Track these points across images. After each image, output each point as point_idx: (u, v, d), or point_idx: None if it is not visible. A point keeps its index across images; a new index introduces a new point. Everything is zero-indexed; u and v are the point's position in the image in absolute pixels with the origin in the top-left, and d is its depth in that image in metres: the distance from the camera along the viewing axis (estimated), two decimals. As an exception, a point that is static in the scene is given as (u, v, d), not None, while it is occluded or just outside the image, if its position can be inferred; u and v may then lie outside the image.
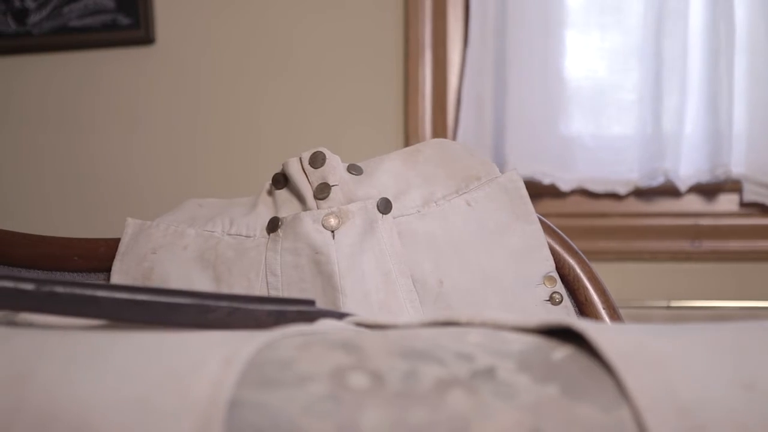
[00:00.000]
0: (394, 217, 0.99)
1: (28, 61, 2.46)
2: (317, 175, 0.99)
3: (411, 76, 2.20)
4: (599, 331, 0.49)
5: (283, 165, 1.03)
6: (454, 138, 2.16)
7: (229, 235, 1.00)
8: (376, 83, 2.25)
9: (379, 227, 0.98)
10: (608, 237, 2.15)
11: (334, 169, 1.00)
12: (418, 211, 1.01)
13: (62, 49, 2.46)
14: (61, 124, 2.44)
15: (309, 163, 1.00)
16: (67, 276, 0.97)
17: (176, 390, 0.46)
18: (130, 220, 1.03)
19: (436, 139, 1.09)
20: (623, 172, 2.14)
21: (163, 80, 2.37)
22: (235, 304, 0.68)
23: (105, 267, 1.03)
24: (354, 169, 1.02)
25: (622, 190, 2.16)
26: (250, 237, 0.99)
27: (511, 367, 0.48)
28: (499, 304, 0.96)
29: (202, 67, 2.35)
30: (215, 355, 0.48)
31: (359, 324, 0.67)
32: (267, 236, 0.98)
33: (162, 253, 0.98)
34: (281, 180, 1.03)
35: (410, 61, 2.20)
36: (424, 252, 0.98)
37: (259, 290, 0.95)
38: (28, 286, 0.63)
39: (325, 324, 0.64)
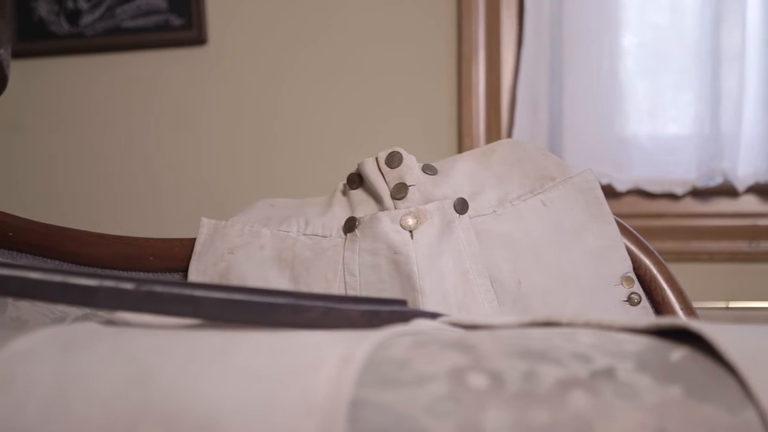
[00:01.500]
0: (470, 218, 0.99)
1: (81, 62, 2.48)
2: (394, 175, 0.99)
3: (464, 76, 2.20)
4: (717, 332, 0.48)
5: (358, 165, 1.03)
6: (511, 137, 2.15)
7: (305, 235, 1.00)
8: (430, 83, 2.24)
9: (456, 227, 0.97)
10: (665, 237, 2.13)
11: (411, 169, 1.00)
12: (494, 211, 1.00)
13: (115, 50, 2.47)
14: (114, 125, 2.46)
15: (385, 163, 1.00)
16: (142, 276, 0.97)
17: (298, 389, 0.46)
18: (204, 220, 1.03)
19: (508, 139, 1.09)
20: (680, 173, 2.13)
21: (215, 80, 2.38)
22: (330, 304, 0.68)
23: (180, 267, 1.03)
24: (429, 169, 1.02)
25: (679, 191, 2.14)
26: (326, 237, 0.99)
27: (630, 367, 0.47)
28: (577, 304, 0.95)
29: (254, 66, 2.35)
30: (332, 355, 0.48)
31: (454, 324, 0.67)
32: (343, 236, 0.98)
33: (239, 253, 0.99)
34: (356, 180, 1.03)
35: (463, 61, 2.20)
36: (502, 252, 0.98)
37: (337, 290, 0.95)
38: (129, 286, 0.63)
39: (421, 324, 0.63)
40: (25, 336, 0.50)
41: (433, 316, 0.71)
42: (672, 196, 2.17)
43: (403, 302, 0.71)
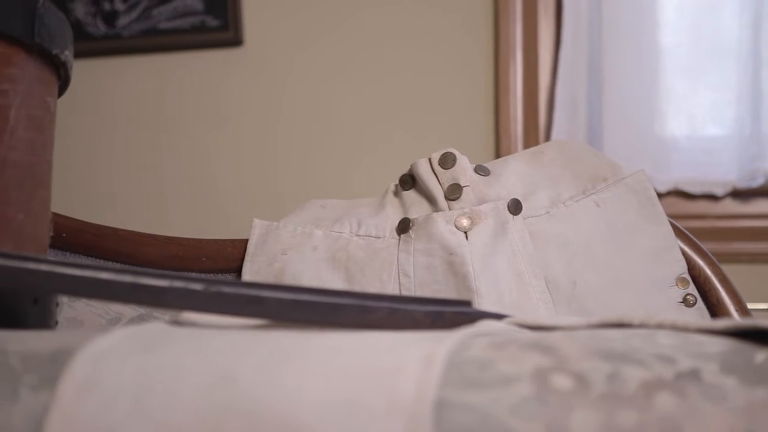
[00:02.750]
0: (523, 218, 0.98)
1: (118, 63, 2.49)
2: (448, 176, 0.99)
3: (501, 76, 2.19)
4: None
5: (411, 166, 1.03)
6: (548, 138, 2.14)
7: (358, 236, 1.00)
8: (466, 84, 2.24)
9: (510, 228, 0.97)
10: (705, 239, 2.11)
11: (465, 170, 0.99)
12: (547, 212, 1.00)
13: (151, 51, 2.48)
14: (150, 126, 2.47)
15: (439, 164, 1.00)
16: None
17: (382, 390, 0.46)
18: (256, 221, 1.04)
19: (559, 140, 1.08)
20: (720, 173, 2.11)
21: (251, 81, 2.39)
22: (395, 305, 0.68)
23: (232, 268, 1.04)
24: (481, 170, 1.02)
25: (719, 192, 2.13)
26: (379, 238, 0.99)
27: (714, 369, 0.47)
28: (632, 305, 0.95)
29: (291, 67, 2.36)
30: (413, 356, 0.48)
31: (520, 325, 0.66)
32: (397, 237, 0.98)
33: (292, 254, 0.99)
34: (409, 181, 1.03)
35: (501, 62, 2.19)
36: (556, 253, 0.97)
37: (392, 291, 0.94)
38: (198, 286, 0.63)
39: (490, 325, 0.63)
40: (104, 336, 0.50)
41: (498, 317, 0.71)
42: (712, 197, 2.15)
43: (467, 303, 0.70)
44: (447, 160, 1.00)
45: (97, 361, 0.47)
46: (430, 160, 1.01)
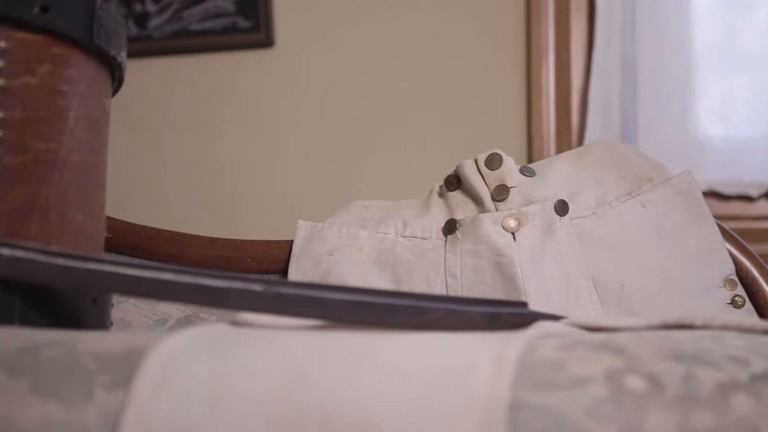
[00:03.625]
0: (570, 219, 0.98)
1: (149, 64, 2.50)
2: (494, 177, 0.99)
3: (534, 78, 2.19)
4: None
5: (457, 167, 1.03)
6: (582, 139, 2.14)
7: (404, 237, 1.00)
8: (498, 85, 2.24)
9: (558, 229, 0.97)
10: (740, 240, 2.10)
11: (511, 171, 0.99)
12: (593, 213, 0.99)
13: (182, 53, 2.49)
14: (182, 127, 2.48)
15: (485, 165, 0.99)
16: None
17: (454, 390, 0.46)
18: (301, 222, 1.04)
19: (603, 141, 1.08)
20: (755, 174, 2.10)
21: (282, 83, 2.39)
22: (452, 306, 0.68)
23: (277, 268, 1.04)
24: (527, 171, 1.01)
25: (754, 193, 2.11)
26: (425, 239, 0.99)
27: (788, 370, 0.46)
28: (681, 307, 0.94)
29: (322, 69, 2.36)
30: (484, 356, 0.48)
31: (579, 326, 0.66)
32: (443, 238, 0.98)
33: (338, 255, 0.99)
34: (454, 182, 1.03)
35: (533, 63, 2.19)
36: (603, 254, 0.97)
37: (439, 293, 0.94)
38: (257, 287, 0.63)
39: (549, 326, 0.63)
40: (174, 337, 0.50)
41: (555, 318, 0.71)
42: (746, 198, 2.14)
43: (523, 304, 0.70)
44: (493, 161, 0.99)
45: (170, 361, 0.47)
46: (476, 161, 1.01)
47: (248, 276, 0.64)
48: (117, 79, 0.74)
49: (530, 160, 2.16)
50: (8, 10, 0.59)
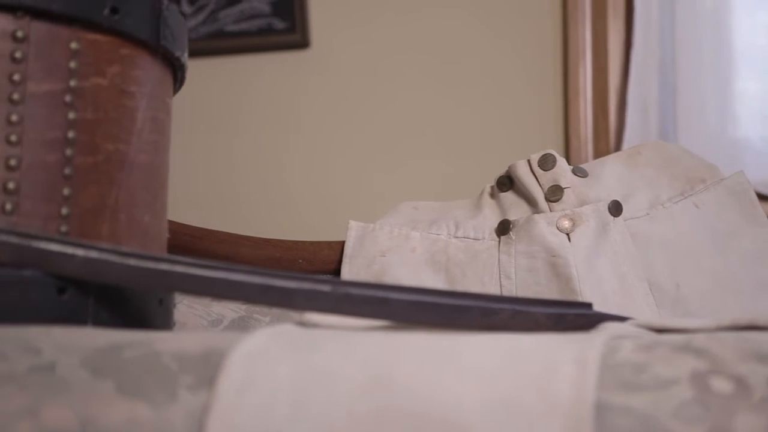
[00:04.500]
0: (624, 220, 0.98)
1: (185, 66, 2.51)
2: (548, 178, 0.98)
3: (571, 78, 2.18)
4: None
5: (509, 167, 1.02)
6: (620, 140, 2.13)
7: (456, 237, 0.99)
8: (535, 86, 2.23)
9: (612, 230, 0.96)
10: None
11: (564, 172, 0.99)
12: (647, 214, 0.99)
13: (218, 54, 2.49)
14: (217, 128, 2.48)
15: (539, 165, 0.99)
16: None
17: (539, 391, 0.45)
18: (353, 222, 1.04)
19: (654, 141, 1.08)
20: (796, 174, 2.09)
21: (318, 84, 2.39)
22: (517, 307, 0.68)
23: (328, 269, 1.04)
24: (579, 172, 1.01)
25: (794, 193, 2.10)
26: (478, 240, 0.98)
27: None
28: (737, 308, 0.94)
29: (358, 70, 2.36)
30: (565, 358, 0.48)
31: (647, 327, 0.66)
32: (496, 239, 0.98)
33: (391, 256, 0.99)
34: (506, 182, 1.03)
35: (570, 64, 2.18)
36: (658, 255, 0.96)
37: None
38: (325, 288, 0.63)
39: (617, 327, 0.63)
40: (249, 338, 0.50)
41: (621, 319, 0.70)
42: (787, 199, 2.12)
43: (588, 305, 0.70)
44: (547, 162, 0.99)
45: (252, 361, 0.47)
46: (529, 161, 1.01)
47: (316, 277, 0.64)
48: (179, 80, 0.75)
49: (568, 161, 2.15)
50: (79, 12, 0.59)
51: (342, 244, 1.04)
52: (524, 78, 2.24)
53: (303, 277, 0.63)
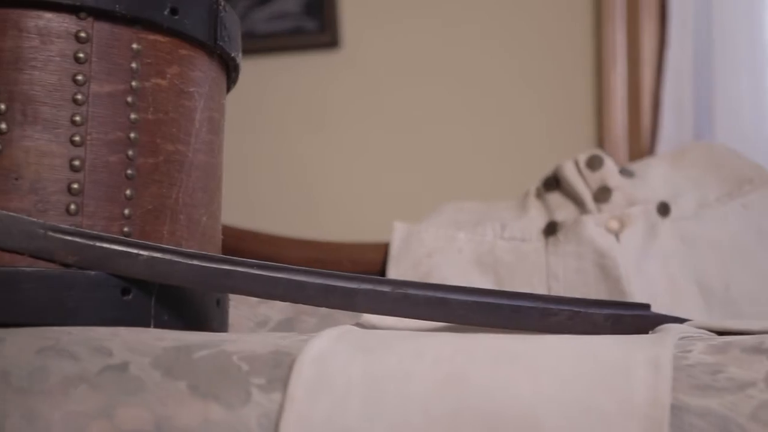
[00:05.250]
0: (672, 221, 0.97)
1: (215, 68, 2.51)
2: (596, 178, 0.98)
3: (605, 79, 2.17)
4: None
5: (556, 167, 1.02)
6: (654, 141, 2.12)
7: (503, 239, 0.99)
8: (568, 87, 2.22)
9: (660, 231, 0.96)
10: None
11: (613, 172, 0.98)
12: (695, 215, 0.98)
13: (248, 54, 2.49)
14: (248, 128, 2.48)
15: (587, 166, 0.98)
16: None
17: (614, 393, 0.45)
18: (397, 224, 1.03)
19: (700, 142, 1.07)
20: (834, 175, 2.06)
21: (349, 84, 2.39)
22: (576, 308, 0.67)
23: (372, 271, 1.03)
24: (626, 172, 1.00)
25: (833, 194, 2.08)
26: (525, 241, 0.98)
27: None
28: (789, 310, 0.93)
29: (389, 70, 2.35)
30: (639, 359, 0.47)
31: (707, 329, 0.65)
32: (543, 240, 0.97)
33: (438, 257, 0.98)
34: (552, 183, 1.02)
35: (604, 65, 2.17)
36: (707, 256, 0.96)
37: (542, 295, 0.93)
38: (385, 288, 0.63)
39: (679, 328, 0.62)
40: (317, 339, 0.50)
41: (679, 320, 0.70)
42: (826, 200, 2.10)
43: (646, 306, 0.69)
44: (595, 162, 0.98)
45: (323, 362, 0.47)
46: (576, 161, 1.00)
47: (375, 277, 0.64)
48: (232, 80, 0.75)
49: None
50: (141, 12, 0.60)
51: (385, 245, 1.03)
52: (557, 79, 2.23)
53: (363, 277, 0.63)
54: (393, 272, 1.00)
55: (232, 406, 0.45)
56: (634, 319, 0.69)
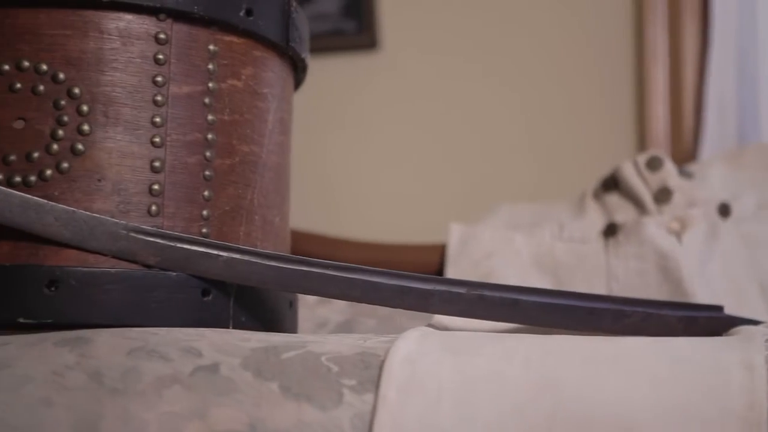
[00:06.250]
0: (732, 222, 0.96)
1: (254, 70, 2.51)
2: (656, 179, 0.97)
3: (646, 79, 2.16)
4: None
5: (615, 169, 1.01)
6: (697, 141, 2.10)
7: (561, 240, 0.98)
8: (609, 88, 2.21)
9: (722, 232, 0.95)
10: None
11: (673, 174, 0.97)
12: (755, 215, 0.97)
13: (286, 56, 2.49)
14: (287, 134, 2.49)
15: (647, 167, 0.98)
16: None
17: (711, 396, 0.45)
18: (454, 225, 1.03)
19: (758, 143, 1.07)
20: None
21: (388, 85, 2.38)
22: (649, 309, 0.67)
23: (429, 272, 1.03)
24: (685, 173, 1.00)
25: None
26: (584, 242, 0.97)
27: None
28: None
29: (428, 71, 2.35)
30: (732, 361, 0.47)
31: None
32: (603, 241, 0.97)
33: (496, 258, 0.98)
34: (610, 184, 1.01)
35: (645, 64, 2.16)
36: (768, 256, 0.95)
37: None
38: (461, 290, 0.63)
39: (755, 330, 0.61)
40: (403, 340, 0.50)
41: (753, 322, 0.69)
42: None
43: (719, 308, 0.69)
44: (654, 163, 0.98)
45: (412, 363, 0.47)
46: (635, 162, 1.00)
47: (450, 279, 0.64)
48: (299, 80, 0.75)
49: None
50: (218, 13, 0.60)
51: (441, 246, 1.03)
52: (599, 80, 2.22)
53: (438, 279, 0.63)
54: (451, 273, 0.99)
55: (325, 407, 0.45)
56: (707, 321, 0.68)
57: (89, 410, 0.45)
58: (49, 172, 0.54)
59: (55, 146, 0.55)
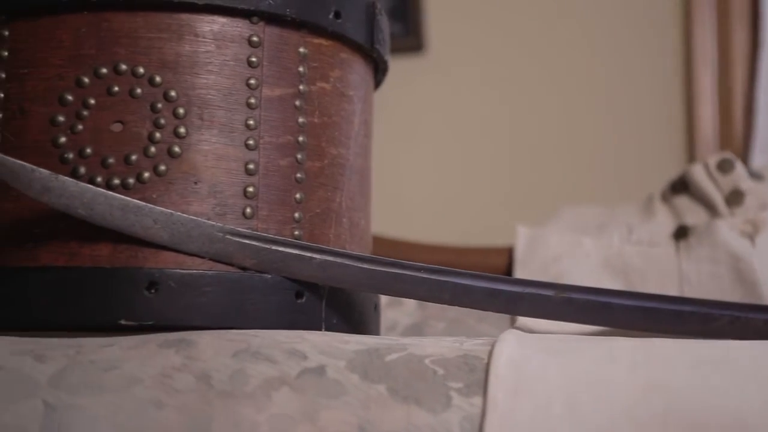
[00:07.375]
0: (804, 225, 0.95)
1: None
2: (727, 182, 0.96)
3: (695, 83, 2.14)
4: None
5: (684, 171, 1.00)
6: (747, 146, 2.08)
7: (630, 243, 0.97)
8: (658, 92, 2.20)
9: (794, 235, 0.93)
10: None
11: (744, 176, 0.96)
12: (827, 218, 0.96)
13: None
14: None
15: (717, 169, 0.97)
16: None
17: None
18: (521, 228, 1.02)
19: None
20: None
21: (434, 88, 2.38)
22: (736, 313, 0.66)
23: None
24: (756, 175, 0.99)
25: None
26: (654, 245, 0.96)
27: None
28: None
29: (475, 74, 2.34)
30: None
31: None
32: (673, 245, 0.96)
33: (565, 261, 0.97)
34: (680, 186, 1.01)
35: (694, 69, 2.15)
36: (842, 260, 0.93)
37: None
38: (549, 292, 0.63)
39: None
40: (504, 343, 0.49)
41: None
42: None
43: (806, 312, 0.68)
44: (725, 165, 0.97)
45: (518, 366, 0.47)
46: (706, 165, 0.99)
47: (538, 281, 0.63)
48: (379, 82, 0.75)
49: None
50: (308, 16, 0.60)
51: (508, 249, 1.02)
52: (647, 84, 2.20)
53: (526, 281, 0.63)
54: (520, 276, 0.99)
55: (434, 410, 0.45)
56: (793, 324, 0.68)
57: (200, 412, 0.45)
58: (146, 174, 0.55)
59: (152, 149, 0.55)
